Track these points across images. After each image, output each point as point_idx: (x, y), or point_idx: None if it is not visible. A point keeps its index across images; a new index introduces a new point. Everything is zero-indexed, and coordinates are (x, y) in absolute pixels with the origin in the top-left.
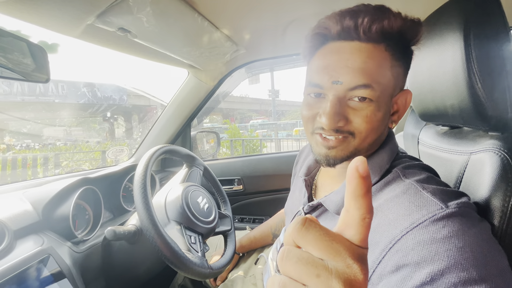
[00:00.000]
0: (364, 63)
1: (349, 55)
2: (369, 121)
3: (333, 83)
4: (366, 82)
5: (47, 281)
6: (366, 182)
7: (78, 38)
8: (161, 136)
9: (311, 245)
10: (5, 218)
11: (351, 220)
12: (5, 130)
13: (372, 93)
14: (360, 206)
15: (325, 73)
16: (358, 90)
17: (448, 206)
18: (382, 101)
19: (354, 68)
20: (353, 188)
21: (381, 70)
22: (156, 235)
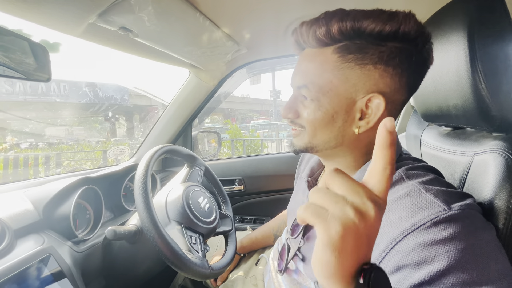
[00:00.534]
0: (305, 66)
1: (301, 60)
2: (310, 117)
3: (291, 83)
4: (303, 82)
5: (47, 280)
6: (392, 136)
7: (79, 37)
8: (162, 135)
9: (337, 185)
10: (6, 217)
11: (374, 171)
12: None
13: (308, 92)
14: (384, 156)
15: (292, 76)
16: (302, 90)
17: (451, 208)
18: (325, 101)
19: (299, 71)
20: (380, 140)
21: (318, 72)
22: (157, 235)
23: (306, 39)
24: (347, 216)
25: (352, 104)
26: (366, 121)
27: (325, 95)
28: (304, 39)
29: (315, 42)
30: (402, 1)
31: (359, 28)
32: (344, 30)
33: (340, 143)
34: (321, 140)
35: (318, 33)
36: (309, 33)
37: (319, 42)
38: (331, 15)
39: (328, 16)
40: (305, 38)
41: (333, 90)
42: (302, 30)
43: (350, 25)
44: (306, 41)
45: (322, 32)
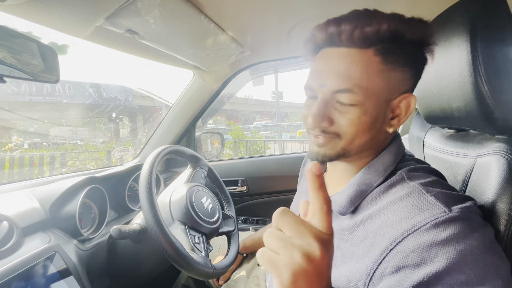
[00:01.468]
0: (347, 68)
1: (334, 60)
2: (353, 124)
3: (320, 86)
4: (347, 86)
5: (53, 278)
6: (319, 178)
7: (86, 39)
8: (166, 136)
9: (285, 227)
10: (14, 215)
11: (314, 210)
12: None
13: (354, 97)
14: (318, 197)
15: (316, 77)
16: (340, 94)
17: (451, 210)
18: (369, 106)
19: (336, 73)
20: (311, 184)
21: (365, 75)
22: (161, 234)
23: (349, 37)
24: (295, 261)
25: (388, 104)
26: (397, 120)
27: (370, 98)
28: (345, 36)
29: (360, 41)
30: (405, 4)
31: (401, 32)
32: (393, 32)
33: (373, 145)
34: (357, 145)
35: (368, 31)
36: (356, 31)
37: (365, 41)
38: (374, 14)
39: (372, 15)
40: (347, 35)
41: (378, 94)
42: (342, 27)
43: (398, 27)
44: (348, 39)
45: (373, 30)
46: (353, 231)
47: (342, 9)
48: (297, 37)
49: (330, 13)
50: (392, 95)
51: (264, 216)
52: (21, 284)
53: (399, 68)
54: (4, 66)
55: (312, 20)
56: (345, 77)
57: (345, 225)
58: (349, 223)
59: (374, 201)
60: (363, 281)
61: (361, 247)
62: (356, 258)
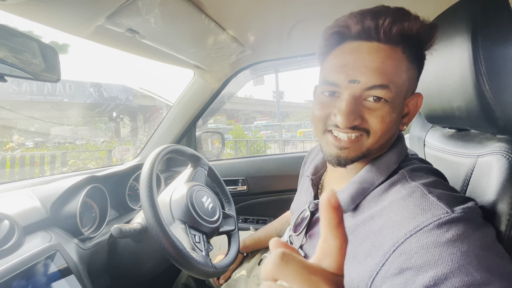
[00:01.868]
0: (382, 63)
1: (367, 55)
2: (384, 121)
3: (350, 82)
4: (384, 82)
5: (54, 276)
6: (339, 212)
7: (87, 38)
8: (166, 136)
9: (291, 280)
10: (15, 214)
11: (329, 250)
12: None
13: (389, 93)
14: (336, 236)
15: (342, 72)
16: (375, 90)
17: (454, 211)
18: (397, 103)
19: (372, 68)
20: (328, 219)
21: (397, 72)
22: (161, 233)
23: (387, 32)
24: None
25: (404, 103)
26: (408, 118)
27: (398, 95)
28: (383, 31)
29: (397, 37)
30: (407, 3)
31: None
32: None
33: (389, 145)
34: (380, 144)
35: (407, 28)
36: (395, 26)
37: (401, 38)
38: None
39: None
40: (386, 30)
41: (403, 91)
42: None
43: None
44: (386, 34)
45: (410, 28)
46: (355, 231)
47: (343, 9)
48: (297, 36)
49: (331, 13)
50: (408, 94)
51: (264, 216)
52: (22, 283)
53: (415, 68)
54: (5, 65)
55: (312, 20)
56: (381, 72)
57: (347, 225)
58: (351, 222)
59: (376, 200)
60: (366, 282)
61: (363, 247)
62: (358, 258)
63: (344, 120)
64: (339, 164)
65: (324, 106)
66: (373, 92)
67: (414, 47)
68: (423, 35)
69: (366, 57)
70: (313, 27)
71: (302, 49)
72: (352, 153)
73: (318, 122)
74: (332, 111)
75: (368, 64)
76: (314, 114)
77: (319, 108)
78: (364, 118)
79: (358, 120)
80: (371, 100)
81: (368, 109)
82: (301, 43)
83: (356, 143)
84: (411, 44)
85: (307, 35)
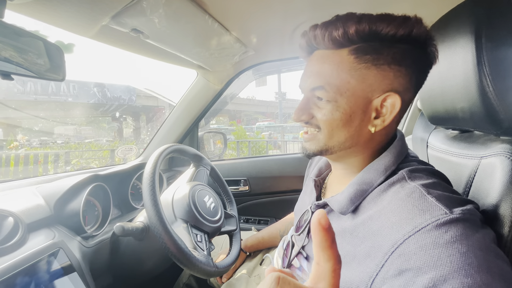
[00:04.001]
0: (321, 67)
1: (314, 61)
2: (327, 118)
3: (301, 85)
4: (319, 84)
5: (57, 273)
6: (330, 233)
7: (92, 38)
8: (169, 135)
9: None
10: (19, 211)
11: (323, 273)
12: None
13: (326, 93)
14: (329, 258)
15: (302, 77)
16: (315, 91)
17: (452, 212)
18: (343, 102)
19: (313, 72)
20: (319, 241)
21: (336, 73)
22: (164, 232)
23: (321, 40)
24: None
25: (368, 103)
26: (381, 120)
27: (343, 95)
28: (318, 40)
29: (331, 43)
30: (410, 5)
31: (375, 31)
32: (361, 32)
33: (356, 143)
34: (338, 141)
35: (335, 34)
36: (325, 35)
37: (335, 43)
38: (346, 17)
39: (343, 19)
40: (320, 39)
41: (350, 90)
42: (316, 32)
43: (367, 27)
44: (321, 42)
45: (340, 33)
46: (354, 232)
47: (345, 10)
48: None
49: (333, 14)
50: (372, 94)
51: (266, 216)
52: (26, 280)
53: (379, 67)
54: (11, 64)
55: (315, 21)
56: (318, 75)
57: (346, 226)
58: (350, 224)
59: (375, 201)
60: (366, 283)
61: (362, 248)
62: (358, 259)
63: (294, 115)
64: (305, 155)
65: None
66: (316, 93)
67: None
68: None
69: (313, 63)
70: None
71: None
72: (312, 146)
73: None
74: None
75: (312, 69)
76: None
77: None
78: (313, 115)
79: (306, 116)
80: (316, 99)
81: (317, 107)
82: None
83: (313, 138)
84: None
85: None
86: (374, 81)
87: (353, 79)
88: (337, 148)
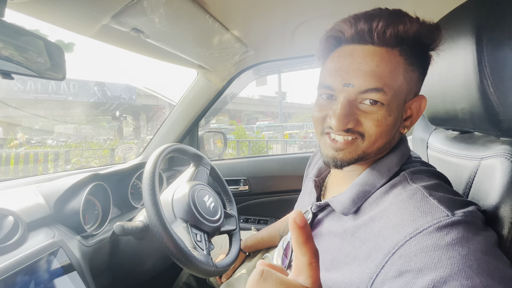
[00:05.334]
0: (377, 66)
1: (362, 58)
2: (379, 124)
3: (344, 85)
4: (378, 85)
5: (57, 272)
6: (305, 230)
7: (93, 37)
8: (169, 135)
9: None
10: (19, 210)
11: (301, 266)
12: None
13: (384, 97)
14: (305, 252)
15: (337, 76)
16: (370, 93)
17: (454, 214)
18: (394, 106)
19: (366, 72)
20: (296, 237)
21: (393, 75)
22: (163, 231)
23: (381, 35)
24: None
25: (404, 105)
26: (410, 121)
27: (395, 98)
28: (378, 34)
29: (391, 40)
30: (410, 5)
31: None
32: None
33: (389, 147)
34: (377, 147)
35: (401, 29)
36: (388, 29)
37: (395, 40)
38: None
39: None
40: (380, 33)
41: (402, 94)
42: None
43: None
44: (380, 37)
45: (404, 30)
46: (355, 233)
47: (347, 9)
48: (301, 37)
49: (335, 13)
50: (408, 96)
51: (265, 216)
52: (26, 278)
53: (415, 71)
54: (11, 64)
55: (316, 20)
56: (375, 76)
57: (348, 227)
58: (352, 224)
59: (376, 202)
60: (366, 284)
61: (363, 249)
62: (359, 260)
63: (338, 123)
64: (336, 165)
65: (321, 108)
66: (367, 96)
67: (414, 49)
68: (423, 37)
69: (361, 60)
70: (317, 28)
71: (305, 50)
72: (348, 155)
73: (317, 124)
74: (329, 113)
75: (362, 68)
76: (313, 116)
77: (317, 110)
78: (359, 121)
79: (352, 123)
80: (367, 103)
81: (364, 112)
82: (304, 44)
83: (351, 145)
84: (409, 46)
85: (310, 36)
86: (413, 84)
87: (405, 82)
88: (373, 154)
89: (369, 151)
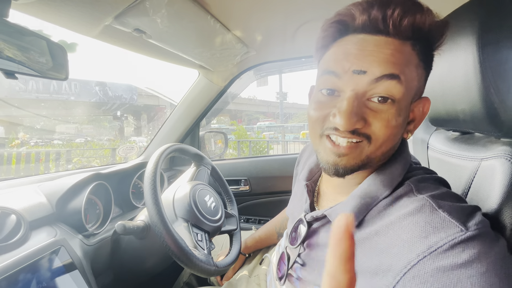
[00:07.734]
0: (392, 55)
1: (374, 47)
2: (389, 125)
3: (355, 72)
4: (394, 71)
5: (59, 271)
6: (353, 242)
7: (95, 38)
8: (170, 135)
9: None
10: (21, 209)
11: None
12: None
13: (398, 87)
14: (349, 269)
15: (346, 60)
16: (385, 81)
17: (468, 228)
18: (403, 104)
19: (381, 58)
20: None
21: (408, 67)
22: (164, 231)
23: (397, 24)
24: None
25: (410, 106)
26: (413, 125)
27: (406, 95)
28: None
29: (407, 31)
30: None
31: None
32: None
33: (393, 153)
34: (382, 152)
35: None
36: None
37: (411, 31)
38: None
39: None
40: (395, 22)
41: (411, 91)
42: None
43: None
44: (396, 26)
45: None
46: (358, 247)
47: None
48: (302, 38)
49: None
50: (415, 96)
51: (266, 216)
52: (28, 277)
53: (425, 68)
54: (14, 63)
55: (317, 21)
56: (391, 61)
57: None
58: None
59: (380, 215)
60: None
61: (368, 264)
62: (362, 275)
63: (345, 122)
64: (337, 174)
65: (321, 106)
66: (381, 85)
67: (423, 45)
68: (434, 32)
69: (373, 48)
70: (318, 29)
71: (306, 50)
72: (352, 161)
73: (314, 124)
74: (331, 111)
75: (376, 55)
76: (310, 115)
77: (316, 108)
78: (367, 121)
79: (360, 123)
80: (375, 101)
81: (372, 111)
82: (305, 45)
83: (355, 150)
84: (421, 40)
85: (311, 36)
86: (422, 83)
87: (417, 78)
88: (377, 160)
89: (373, 156)
